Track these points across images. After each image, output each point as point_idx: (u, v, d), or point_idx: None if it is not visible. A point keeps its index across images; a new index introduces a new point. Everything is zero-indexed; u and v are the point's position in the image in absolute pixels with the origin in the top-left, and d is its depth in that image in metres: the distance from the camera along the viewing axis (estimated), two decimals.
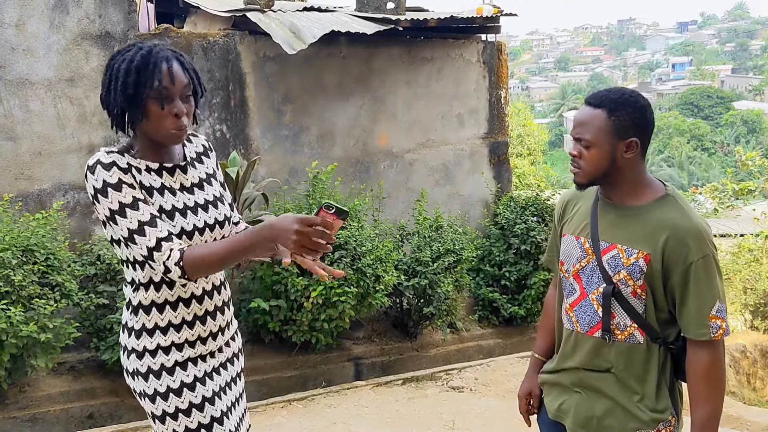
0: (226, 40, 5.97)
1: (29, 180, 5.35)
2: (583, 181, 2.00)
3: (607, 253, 1.97)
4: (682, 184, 37.66)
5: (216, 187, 2.06)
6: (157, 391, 1.95)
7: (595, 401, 2.03)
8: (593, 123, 1.94)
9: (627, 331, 1.97)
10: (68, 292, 4.66)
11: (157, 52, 1.82)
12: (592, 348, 2.01)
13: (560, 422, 2.14)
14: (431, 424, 4.55)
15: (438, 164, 7.07)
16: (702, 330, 1.89)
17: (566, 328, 2.10)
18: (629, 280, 1.93)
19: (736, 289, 10.30)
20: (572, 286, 2.07)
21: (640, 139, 1.94)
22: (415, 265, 6.01)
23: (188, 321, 1.97)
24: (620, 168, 1.96)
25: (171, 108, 1.82)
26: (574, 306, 2.05)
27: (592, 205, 2.06)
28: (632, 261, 1.92)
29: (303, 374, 5.58)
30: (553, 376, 2.18)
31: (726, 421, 5.15)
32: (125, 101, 1.81)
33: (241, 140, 6.08)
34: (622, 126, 1.92)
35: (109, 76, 1.84)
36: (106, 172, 1.80)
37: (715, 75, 74.23)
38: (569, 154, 2.02)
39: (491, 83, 7.30)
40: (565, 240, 2.11)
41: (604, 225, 2.00)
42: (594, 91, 2.08)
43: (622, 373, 1.99)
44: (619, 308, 1.96)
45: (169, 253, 1.79)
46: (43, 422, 4.68)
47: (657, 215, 1.94)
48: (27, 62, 5.30)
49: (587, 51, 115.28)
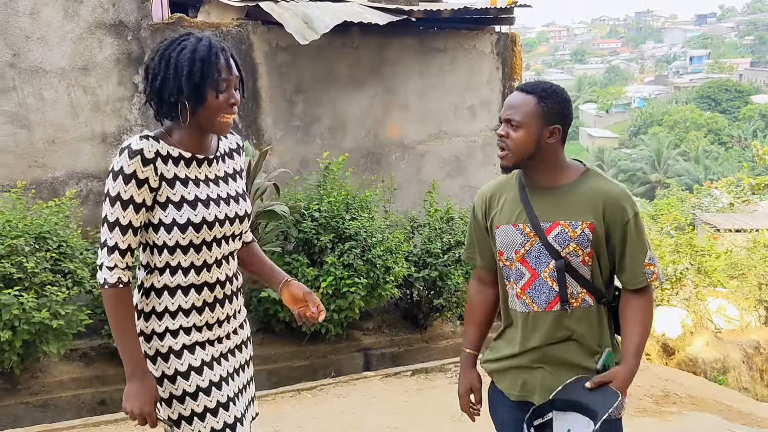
0: (238, 29, 5.98)
1: (43, 168, 5.39)
2: (509, 163, 2.16)
3: (551, 232, 2.12)
4: (698, 178, 37.36)
5: (240, 184, 2.12)
6: (164, 374, 1.97)
7: (561, 371, 2.15)
8: (524, 107, 2.11)
9: (579, 297, 2.15)
10: (80, 279, 4.70)
11: (215, 44, 1.93)
12: (553, 321, 2.15)
13: (526, 401, 2.21)
14: (440, 415, 4.55)
15: (450, 156, 7.05)
16: (640, 278, 2.13)
17: (520, 311, 2.20)
18: (579, 250, 2.11)
19: (751, 285, 10.21)
20: (519, 271, 2.18)
21: (562, 126, 2.14)
22: (425, 256, 6.00)
23: (198, 307, 2.00)
24: (543, 151, 2.13)
25: (228, 98, 1.93)
26: (527, 288, 2.17)
27: (519, 193, 2.20)
28: (578, 233, 2.10)
29: (312, 364, 5.60)
30: (506, 362, 2.26)
31: (737, 417, 5.12)
32: (191, 90, 1.88)
33: (253, 130, 6.09)
34: (550, 112, 2.11)
35: (164, 66, 1.90)
36: (127, 160, 1.86)
37: (734, 68, 73.45)
38: (497, 134, 2.18)
39: (504, 75, 7.26)
40: (500, 231, 2.22)
41: (540, 207, 2.15)
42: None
43: (582, 337, 2.15)
44: (571, 279, 2.13)
45: (111, 266, 1.89)
46: (55, 408, 4.73)
47: (587, 187, 2.14)
48: (41, 51, 5.33)
49: (604, 43, 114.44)
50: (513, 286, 2.21)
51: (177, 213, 1.91)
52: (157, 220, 1.92)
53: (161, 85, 1.90)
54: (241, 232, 2.08)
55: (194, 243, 1.94)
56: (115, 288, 1.89)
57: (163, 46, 1.94)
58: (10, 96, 5.26)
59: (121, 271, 1.90)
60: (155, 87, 1.91)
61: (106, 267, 1.90)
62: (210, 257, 1.99)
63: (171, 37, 1.99)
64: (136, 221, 1.90)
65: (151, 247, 1.95)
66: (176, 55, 1.90)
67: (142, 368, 1.92)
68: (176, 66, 1.88)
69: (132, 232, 1.90)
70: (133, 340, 1.92)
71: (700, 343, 9.43)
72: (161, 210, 1.91)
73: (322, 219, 5.53)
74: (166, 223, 1.91)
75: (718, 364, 9.23)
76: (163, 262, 1.96)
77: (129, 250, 1.91)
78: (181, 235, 1.92)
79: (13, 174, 5.25)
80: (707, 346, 9.61)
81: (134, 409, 1.89)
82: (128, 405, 1.90)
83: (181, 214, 1.91)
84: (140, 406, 1.89)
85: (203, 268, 1.98)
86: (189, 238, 1.93)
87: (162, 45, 1.96)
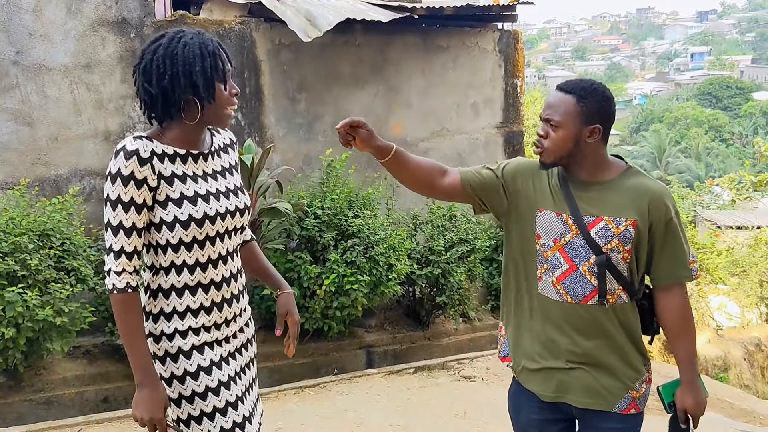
0: (241, 27, 5.97)
1: (46, 165, 5.39)
2: (548, 160, 2.14)
3: (594, 226, 2.10)
4: (699, 175, 37.32)
5: (236, 178, 2.12)
6: (174, 375, 1.97)
7: (600, 373, 2.14)
8: (562, 107, 2.09)
9: (616, 293, 2.13)
10: (84, 276, 4.70)
11: (211, 38, 1.94)
12: (587, 315, 2.14)
13: (559, 402, 2.20)
14: (442, 413, 4.56)
15: (452, 153, 7.05)
16: (685, 272, 2.14)
17: (553, 299, 2.17)
18: (620, 247, 2.09)
19: (752, 282, 10.22)
20: (557, 260, 2.16)
21: (603, 126, 2.10)
22: (428, 254, 6.01)
23: (206, 307, 2.00)
24: (583, 150, 2.11)
25: (231, 89, 1.97)
26: (562, 279, 2.15)
27: (560, 182, 2.17)
28: (622, 229, 2.09)
29: (315, 361, 5.61)
30: (538, 363, 2.21)
31: (738, 414, 5.13)
32: (205, 85, 1.89)
33: (256, 128, 6.09)
34: (589, 112, 2.08)
35: (170, 64, 1.88)
36: (124, 161, 1.85)
37: (735, 65, 73.31)
38: (536, 134, 2.14)
39: (507, 72, 7.26)
40: (543, 216, 2.18)
41: (583, 201, 2.13)
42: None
43: (615, 334, 2.15)
44: (610, 275, 2.12)
45: (119, 270, 1.89)
46: (59, 405, 4.74)
47: (631, 184, 2.12)
48: (44, 48, 5.33)
49: (605, 40, 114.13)
50: (548, 273, 2.17)
51: (178, 210, 1.91)
52: (159, 219, 1.91)
53: (170, 83, 1.88)
54: (243, 226, 2.09)
55: (197, 239, 1.94)
56: (124, 293, 1.89)
57: (159, 44, 1.91)
58: (14, 93, 5.26)
59: (129, 276, 1.89)
60: (162, 86, 1.89)
61: (114, 272, 1.89)
62: (214, 253, 1.98)
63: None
64: (140, 222, 1.89)
65: (155, 247, 1.95)
66: (181, 52, 1.88)
67: (151, 375, 1.91)
68: (184, 62, 1.87)
69: (137, 233, 1.89)
70: (142, 347, 1.91)
71: (702, 341, 9.43)
72: (161, 208, 1.91)
73: (324, 216, 5.53)
74: (168, 221, 1.90)
75: (720, 362, 9.25)
76: (168, 261, 1.95)
77: (136, 253, 1.90)
78: (184, 231, 1.91)
79: (17, 171, 5.26)
80: (708, 344, 9.63)
81: (144, 416, 1.88)
82: (138, 413, 1.89)
83: (182, 210, 1.91)
84: (150, 414, 1.88)
85: (208, 265, 1.98)
86: (192, 235, 1.93)
87: (155, 44, 1.92)
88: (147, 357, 1.92)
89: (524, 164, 2.28)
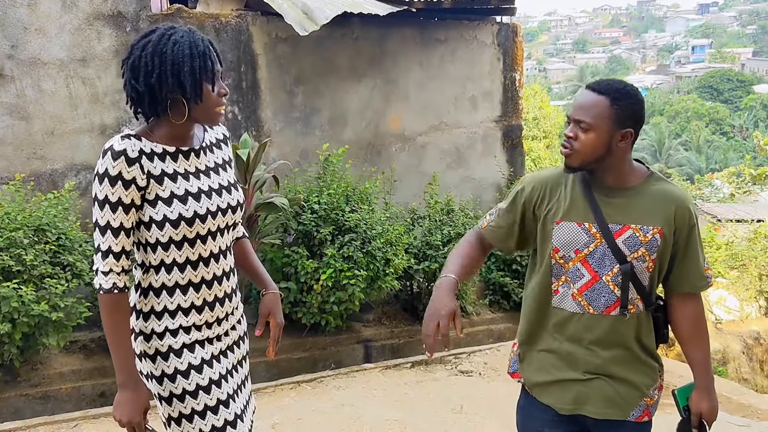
0: (238, 20, 5.94)
1: (41, 160, 5.37)
2: (575, 164, 2.05)
3: (621, 235, 2.03)
4: (699, 168, 37.30)
5: (230, 174, 2.09)
6: (164, 373, 1.96)
7: (619, 384, 2.11)
8: (595, 108, 1.99)
9: (636, 303, 2.09)
10: (79, 272, 4.69)
11: (202, 37, 1.90)
12: (608, 325, 2.09)
13: (577, 414, 2.13)
14: (439, 407, 4.56)
15: (450, 147, 7.03)
16: (702, 282, 2.11)
17: (571, 311, 2.11)
18: (646, 256, 2.03)
19: (752, 276, 10.21)
20: (578, 272, 2.09)
21: (635, 129, 2.02)
22: (425, 248, 6.00)
23: (197, 306, 1.98)
24: (613, 155, 2.02)
25: (220, 89, 1.92)
26: (584, 290, 2.08)
27: (582, 189, 2.09)
28: (649, 237, 2.02)
29: (312, 356, 5.60)
30: (552, 375, 2.16)
31: (736, 409, 5.12)
32: (192, 85, 1.85)
33: (253, 122, 6.07)
34: (623, 115, 1.99)
35: (158, 62, 1.84)
36: (111, 162, 1.84)
37: (736, 58, 73.09)
38: (565, 135, 2.04)
39: (506, 65, 7.23)
40: (561, 227, 2.09)
41: (608, 208, 2.06)
42: (607, 76, 2.08)
43: (632, 343, 2.11)
44: (632, 285, 2.06)
45: (107, 270, 1.87)
46: (55, 400, 4.73)
47: (657, 191, 2.06)
48: (39, 42, 5.30)
49: (606, 32, 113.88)
50: (567, 285, 2.11)
51: (167, 209, 1.89)
52: (148, 218, 1.89)
53: (157, 81, 1.85)
54: (235, 223, 2.07)
55: (188, 237, 1.92)
56: (110, 294, 1.87)
57: (149, 41, 1.87)
58: (9, 87, 5.24)
59: (116, 276, 1.88)
60: (149, 84, 1.85)
61: (101, 272, 1.88)
62: (205, 251, 1.97)
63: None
64: (128, 222, 1.87)
65: (144, 245, 1.94)
66: (171, 50, 1.84)
67: (134, 377, 1.90)
68: (173, 62, 1.83)
69: (124, 233, 1.87)
70: (126, 349, 1.90)
71: None
72: (151, 207, 1.89)
73: (321, 211, 5.52)
74: (157, 219, 1.89)
75: (718, 355, 9.24)
76: (158, 260, 1.94)
77: (124, 253, 1.88)
78: (174, 230, 1.90)
79: (12, 166, 5.24)
80: None
81: (123, 419, 1.88)
82: (118, 414, 1.89)
83: (172, 209, 1.89)
84: (129, 416, 1.88)
85: (199, 263, 1.97)
86: (182, 233, 1.91)
87: (145, 40, 1.88)
88: (131, 359, 1.91)
89: (538, 182, 2.19)
